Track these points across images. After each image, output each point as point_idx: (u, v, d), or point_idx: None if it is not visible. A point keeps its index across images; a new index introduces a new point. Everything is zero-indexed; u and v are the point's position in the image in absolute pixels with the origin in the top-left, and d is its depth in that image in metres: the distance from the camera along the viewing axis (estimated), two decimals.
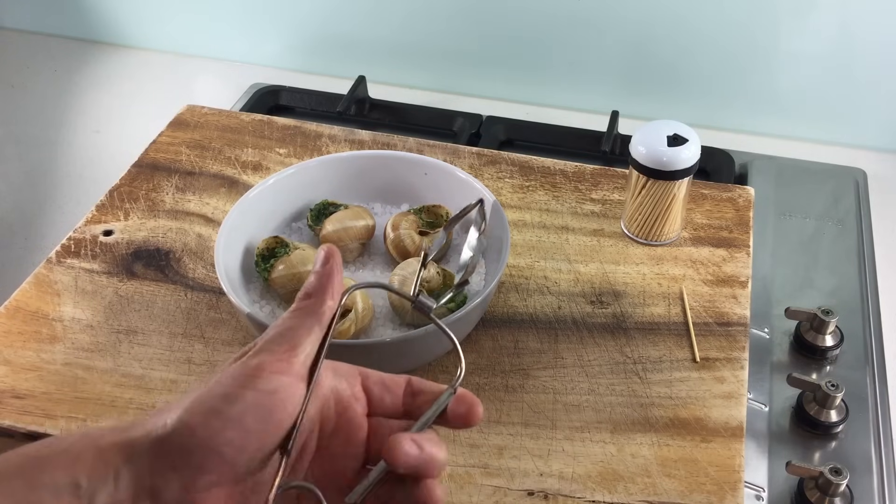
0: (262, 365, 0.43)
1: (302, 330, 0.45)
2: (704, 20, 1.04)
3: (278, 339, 0.44)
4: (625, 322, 0.75)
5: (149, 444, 0.42)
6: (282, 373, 0.43)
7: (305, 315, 0.45)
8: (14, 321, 0.75)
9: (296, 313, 0.46)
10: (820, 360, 0.79)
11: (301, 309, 0.46)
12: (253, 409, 0.42)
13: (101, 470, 0.41)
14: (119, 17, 1.26)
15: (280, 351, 0.44)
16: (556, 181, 0.89)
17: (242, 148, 0.94)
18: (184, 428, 0.41)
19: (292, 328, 0.45)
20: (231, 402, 0.42)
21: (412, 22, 1.14)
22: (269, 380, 0.42)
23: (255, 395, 0.42)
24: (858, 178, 1.02)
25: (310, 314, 0.45)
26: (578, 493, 0.63)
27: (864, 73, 1.03)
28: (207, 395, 0.42)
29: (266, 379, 0.42)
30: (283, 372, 0.43)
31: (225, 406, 0.42)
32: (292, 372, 0.43)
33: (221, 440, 0.41)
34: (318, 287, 0.46)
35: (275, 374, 0.43)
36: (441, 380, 0.70)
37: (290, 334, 0.45)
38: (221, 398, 0.42)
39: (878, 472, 0.71)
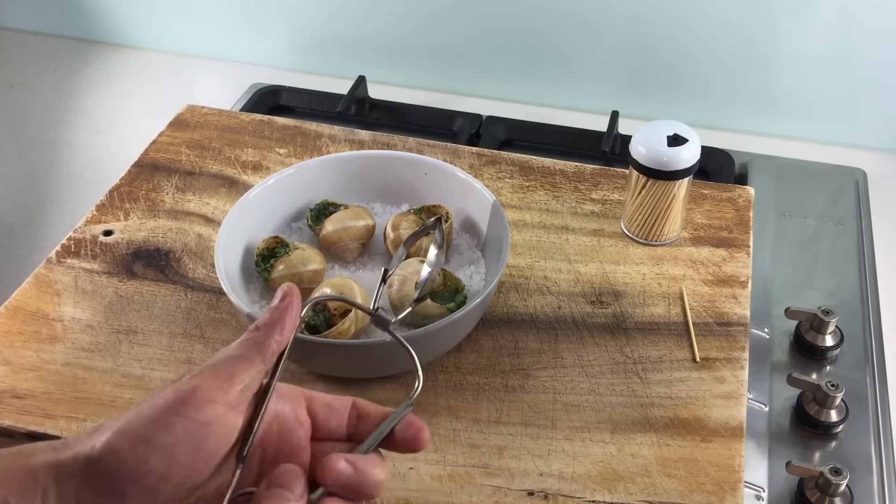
0: (195, 392, 0.42)
1: (244, 361, 0.44)
2: (704, 20, 1.04)
3: (217, 367, 0.44)
4: (625, 322, 0.75)
5: (76, 467, 0.41)
6: (215, 401, 0.42)
7: (250, 347, 0.45)
8: (14, 321, 0.75)
9: (241, 344, 0.45)
10: (820, 360, 0.79)
11: (247, 340, 0.45)
12: (183, 438, 0.41)
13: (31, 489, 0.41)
14: (119, 17, 1.26)
15: (216, 379, 0.43)
16: (556, 181, 0.89)
17: (242, 148, 0.94)
18: (110, 453, 0.41)
19: (234, 357, 0.44)
20: (161, 429, 0.41)
21: (412, 22, 1.14)
22: (201, 409, 0.42)
23: (185, 424, 0.41)
24: (858, 178, 1.02)
25: (255, 346, 0.45)
26: (578, 493, 0.63)
27: (864, 73, 1.03)
28: (137, 420, 0.42)
29: (197, 407, 0.42)
30: (217, 400, 0.42)
31: (154, 433, 0.41)
32: (226, 401, 0.43)
33: (146, 469, 0.41)
34: (269, 321, 0.46)
35: (208, 402, 0.42)
36: (440, 380, 0.70)
37: (230, 363, 0.44)
38: (151, 424, 0.41)
39: (878, 472, 0.71)
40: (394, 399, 0.69)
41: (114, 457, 0.41)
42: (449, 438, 0.66)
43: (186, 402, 0.42)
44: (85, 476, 0.41)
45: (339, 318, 0.69)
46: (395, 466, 0.64)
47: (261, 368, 0.45)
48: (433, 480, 0.64)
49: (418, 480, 0.64)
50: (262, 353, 0.45)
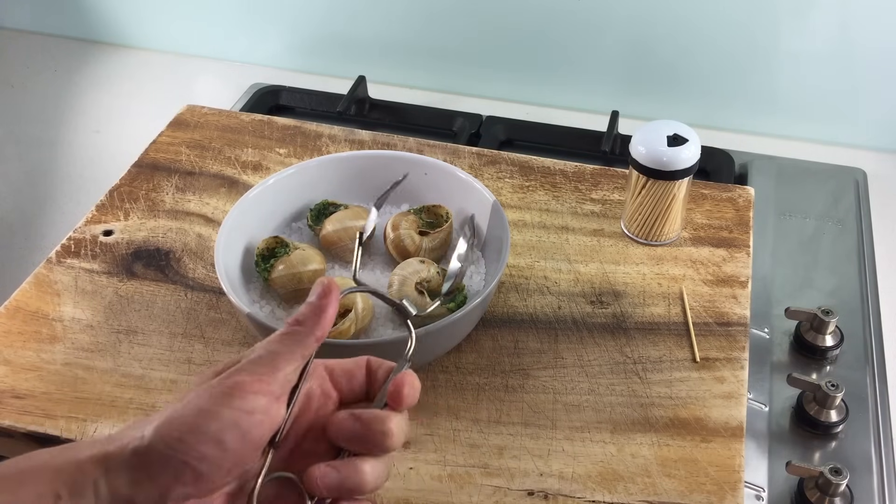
0: (242, 384, 0.44)
1: (286, 355, 0.46)
2: (704, 20, 1.04)
3: (260, 361, 0.46)
4: (625, 322, 0.75)
5: (126, 456, 0.43)
6: (260, 393, 0.44)
7: (292, 341, 0.47)
8: (14, 321, 0.75)
9: (283, 338, 0.47)
10: (820, 360, 0.79)
11: (289, 334, 0.47)
12: (231, 427, 0.43)
13: (81, 482, 0.42)
14: (119, 17, 1.26)
15: (261, 372, 0.45)
16: (556, 181, 0.89)
17: (242, 148, 0.94)
18: (160, 441, 0.43)
19: (276, 352, 0.46)
20: (209, 418, 0.43)
21: (412, 22, 1.14)
22: (247, 399, 0.44)
23: (232, 414, 0.43)
24: (858, 178, 1.02)
25: (296, 341, 0.47)
26: (578, 493, 0.63)
27: (864, 73, 1.03)
28: (185, 410, 0.43)
29: (244, 398, 0.44)
30: (261, 392, 0.44)
31: (202, 422, 0.43)
32: (270, 392, 0.45)
33: (198, 455, 0.42)
34: (311, 317, 0.48)
35: (252, 393, 0.44)
36: (440, 380, 0.70)
37: (272, 357, 0.46)
38: (198, 414, 0.43)
39: (878, 472, 0.71)
40: None
41: (164, 445, 0.42)
42: (449, 438, 0.66)
43: (232, 394, 0.44)
44: (135, 465, 0.42)
45: (339, 318, 0.69)
46: (395, 466, 0.64)
47: (300, 363, 0.47)
48: (433, 480, 0.64)
49: (418, 480, 0.64)
50: (301, 348, 0.47)
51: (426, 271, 0.72)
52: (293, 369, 0.46)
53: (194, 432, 0.42)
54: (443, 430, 0.67)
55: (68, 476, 0.42)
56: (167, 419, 0.43)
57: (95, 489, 0.42)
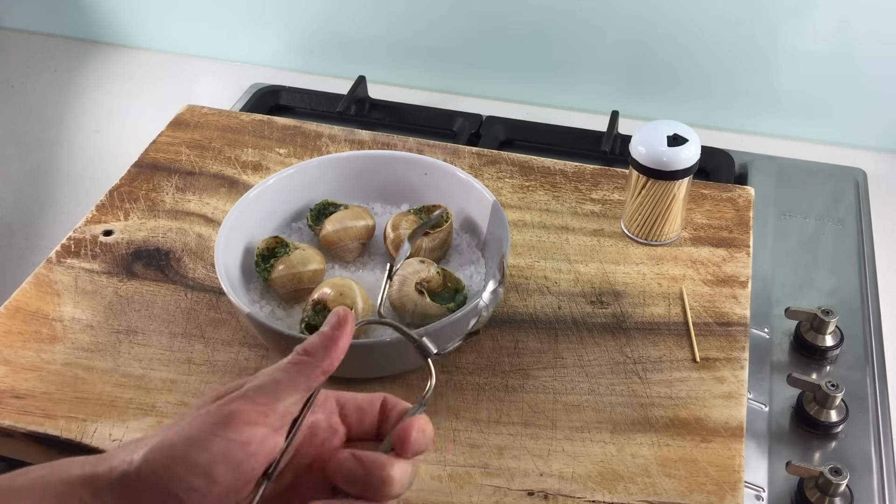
0: (238, 414, 0.42)
1: (289, 386, 0.44)
2: (704, 20, 1.04)
3: (262, 390, 0.44)
4: (625, 322, 0.75)
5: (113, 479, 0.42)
6: (257, 424, 0.42)
7: (297, 372, 0.45)
8: (14, 321, 0.75)
9: (289, 367, 0.45)
10: (820, 360, 0.79)
11: (295, 364, 0.45)
12: (221, 459, 0.41)
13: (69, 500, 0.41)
14: (119, 17, 1.26)
15: (260, 402, 0.43)
16: (556, 181, 0.89)
17: (242, 148, 0.94)
18: (147, 468, 0.41)
19: (279, 382, 0.44)
20: (199, 448, 0.41)
21: (412, 22, 1.14)
22: (242, 430, 0.42)
23: (225, 445, 0.41)
24: (858, 178, 1.02)
25: (302, 373, 0.45)
26: (578, 493, 0.63)
27: (864, 73, 1.03)
28: (176, 438, 0.42)
29: (238, 429, 0.42)
30: (259, 423, 0.42)
31: (192, 452, 0.41)
32: (268, 424, 0.43)
33: (185, 486, 0.41)
34: (320, 348, 0.45)
35: (249, 424, 0.42)
36: (440, 380, 0.70)
37: (275, 387, 0.44)
38: (189, 443, 0.42)
39: (878, 472, 0.71)
40: None
41: (150, 471, 0.41)
42: (449, 438, 0.66)
43: (226, 424, 0.42)
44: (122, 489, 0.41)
45: None
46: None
47: (304, 395, 0.45)
48: (433, 480, 0.64)
49: (418, 480, 0.64)
50: (306, 380, 0.45)
51: (426, 271, 0.72)
52: (295, 401, 0.44)
53: (183, 462, 0.41)
54: (443, 430, 0.67)
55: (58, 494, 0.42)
56: (157, 445, 0.42)
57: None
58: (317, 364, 0.45)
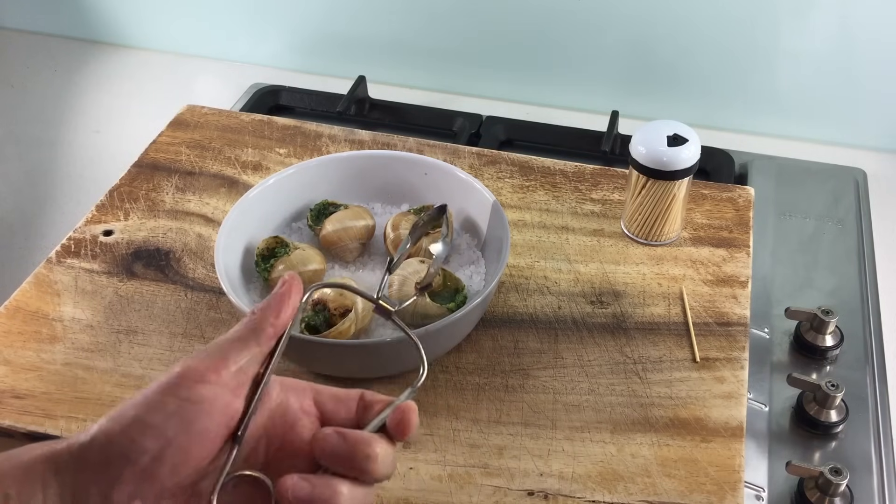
0: (185, 373, 0.43)
1: (238, 343, 0.45)
2: (704, 20, 1.04)
3: (211, 349, 0.44)
4: (625, 322, 0.75)
5: (71, 455, 0.42)
6: (205, 382, 0.43)
7: (245, 330, 0.46)
8: (14, 321, 0.75)
9: (237, 328, 0.46)
10: (820, 360, 0.79)
11: (243, 323, 0.46)
12: (173, 417, 0.41)
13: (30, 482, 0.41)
14: (119, 17, 1.26)
15: (207, 360, 0.43)
16: (556, 181, 0.89)
17: (242, 148, 0.94)
18: (102, 436, 0.41)
19: (228, 340, 0.45)
20: (150, 409, 0.41)
21: (412, 22, 1.14)
22: (191, 388, 0.42)
23: (175, 404, 0.42)
24: (858, 178, 1.02)
25: (250, 329, 0.45)
26: (578, 493, 0.63)
27: (864, 73, 1.03)
28: (129, 404, 0.42)
29: (188, 387, 0.42)
30: (207, 381, 0.43)
31: (145, 414, 0.41)
32: (218, 382, 0.43)
33: (138, 448, 0.41)
34: (266, 306, 0.46)
35: (197, 382, 0.42)
36: (440, 380, 0.70)
37: (224, 345, 0.45)
38: (142, 406, 0.42)
39: (878, 472, 0.71)
40: None
41: (105, 439, 0.41)
42: (449, 438, 0.66)
43: (177, 383, 0.42)
44: (79, 464, 0.41)
45: (339, 318, 0.69)
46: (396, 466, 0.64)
47: (256, 351, 0.45)
48: (433, 480, 0.64)
49: (418, 480, 0.64)
50: (257, 336, 0.45)
51: (426, 271, 0.72)
52: (248, 360, 0.44)
53: (135, 424, 0.41)
54: (443, 430, 0.67)
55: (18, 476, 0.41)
56: (113, 414, 0.42)
57: (45, 488, 0.41)
58: (265, 319, 0.46)
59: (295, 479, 0.43)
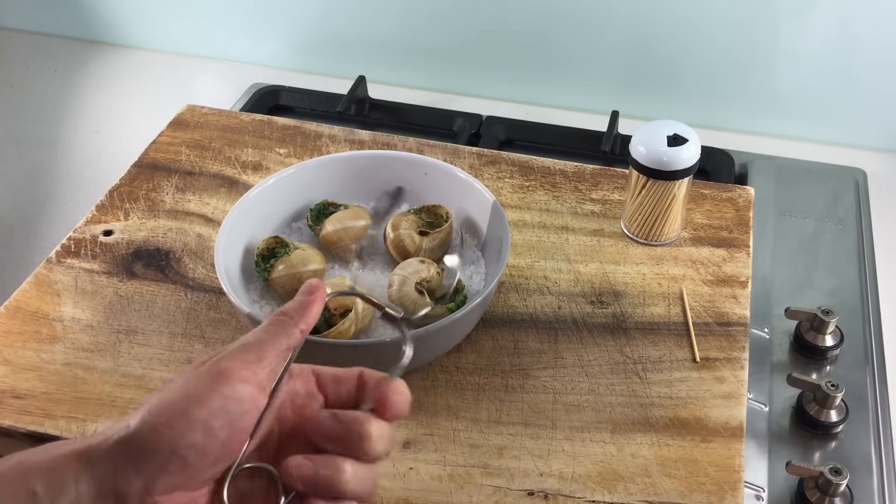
0: (228, 372, 0.43)
1: (272, 343, 0.46)
2: (705, 20, 1.04)
3: (247, 349, 0.45)
4: (625, 322, 0.75)
5: (110, 447, 0.42)
6: (246, 381, 0.44)
7: (277, 331, 0.47)
8: (14, 321, 0.75)
9: (268, 328, 0.47)
10: (820, 360, 0.79)
11: (274, 324, 0.47)
12: (219, 413, 0.42)
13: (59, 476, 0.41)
14: (119, 17, 1.26)
15: (247, 360, 0.44)
16: (556, 181, 0.89)
17: (242, 148, 0.94)
18: (147, 428, 0.42)
19: (262, 341, 0.46)
20: (198, 404, 0.42)
21: (412, 22, 1.14)
22: (234, 387, 0.43)
23: (222, 401, 0.42)
24: (858, 178, 1.02)
25: (281, 332, 0.47)
26: (578, 493, 0.63)
27: (864, 73, 1.03)
28: (173, 397, 0.43)
29: (231, 385, 0.43)
30: (247, 381, 0.44)
31: (192, 408, 0.42)
32: (256, 382, 0.44)
33: (186, 442, 0.41)
34: (298, 309, 0.48)
35: (239, 381, 0.43)
36: (441, 380, 0.70)
37: (258, 346, 0.45)
38: (188, 400, 0.42)
39: (878, 472, 0.71)
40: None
41: (150, 431, 0.42)
42: (449, 438, 0.66)
43: (220, 380, 0.43)
44: (120, 455, 0.42)
45: (339, 318, 0.69)
46: (395, 467, 0.64)
47: (286, 354, 0.46)
48: (433, 480, 0.64)
49: (418, 480, 0.64)
50: (287, 338, 0.47)
51: (426, 271, 0.72)
52: (278, 359, 0.46)
53: (183, 418, 0.42)
54: (443, 430, 0.67)
55: (46, 472, 0.41)
56: (156, 405, 0.42)
57: (76, 482, 0.41)
58: (294, 323, 0.47)
59: (299, 460, 0.44)
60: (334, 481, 0.44)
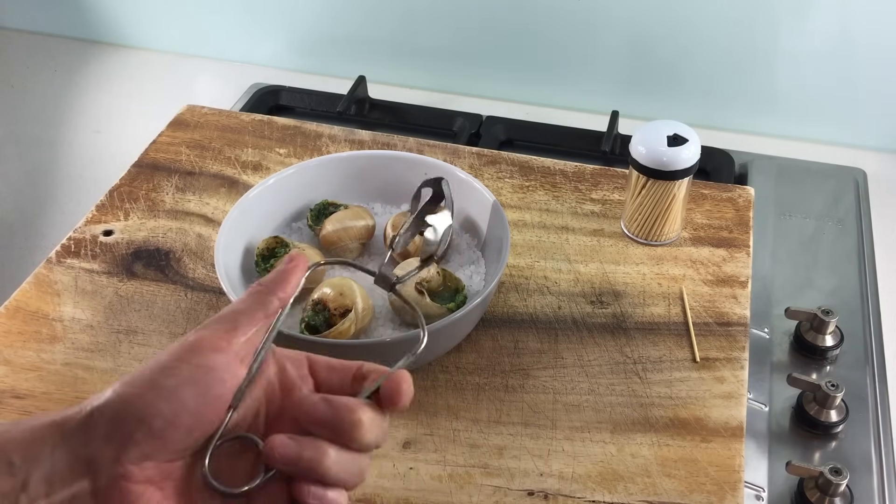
0: (200, 341, 0.44)
1: (247, 314, 0.46)
2: (704, 20, 1.04)
3: (221, 319, 0.46)
4: (625, 322, 0.75)
5: (83, 418, 0.42)
6: (219, 350, 0.44)
7: (253, 301, 0.47)
8: (14, 321, 0.75)
9: (244, 299, 0.47)
10: (820, 360, 0.79)
11: (252, 294, 0.48)
12: (188, 382, 0.42)
13: (36, 447, 0.42)
14: (119, 17, 1.26)
15: (220, 329, 0.45)
16: (556, 181, 0.89)
17: (242, 148, 0.94)
18: (118, 398, 0.42)
19: (237, 311, 0.47)
20: (167, 373, 0.43)
21: (412, 22, 1.14)
22: (206, 356, 0.43)
23: (190, 369, 0.43)
24: (858, 178, 1.02)
25: (257, 301, 0.47)
26: (578, 493, 0.63)
27: (864, 73, 1.03)
28: (145, 369, 0.43)
29: (203, 354, 0.43)
30: (221, 350, 0.44)
31: (160, 378, 0.42)
32: (230, 351, 0.44)
33: (153, 411, 0.42)
34: (273, 279, 0.48)
35: (212, 350, 0.44)
36: (441, 380, 0.70)
37: (233, 316, 0.46)
38: (158, 370, 0.43)
39: (878, 472, 0.71)
40: None
41: (120, 401, 0.42)
42: (449, 438, 0.66)
43: (192, 350, 0.44)
44: (91, 424, 0.42)
45: (339, 318, 0.69)
46: (395, 466, 0.64)
47: (263, 323, 0.47)
48: (433, 480, 0.64)
49: (418, 480, 0.64)
50: (264, 308, 0.47)
51: (426, 271, 0.72)
52: (255, 330, 0.46)
53: (152, 388, 0.42)
54: (443, 430, 0.67)
55: (22, 442, 0.42)
56: (128, 379, 0.43)
57: (52, 453, 0.41)
58: (272, 292, 0.47)
59: (282, 439, 0.43)
60: (316, 464, 0.43)
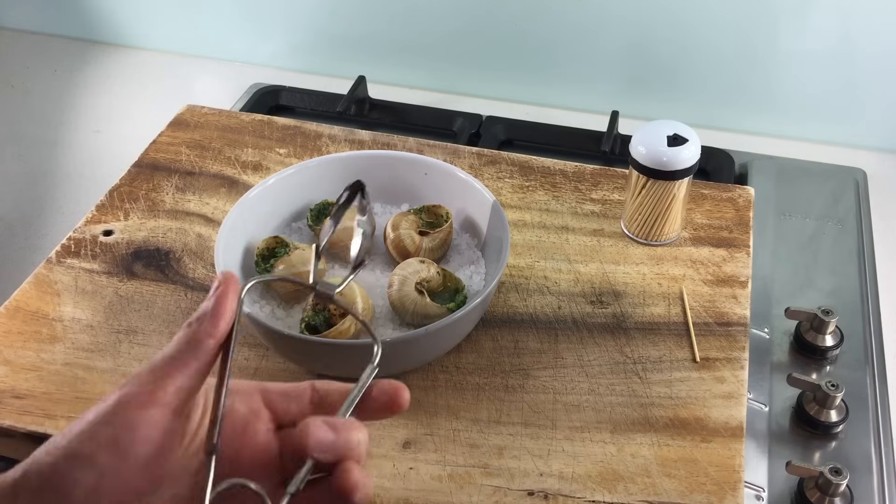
0: (123, 400, 0.41)
1: (176, 362, 0.43)
2: (704, 20, 1.04)
3: (148, 371, 0.42)
4: (625, 322, 0.75)
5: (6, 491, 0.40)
6: (144, 406, 0.41)
7: (182, 346, 0.43)
8: (14, 321, 0.75)
9: (174, 343, 0.43)
10: (820, 360, 0.79)
11: (180, 339, 0.44)
12: (107, 447, 0.40)
13: None
14: (119, 17, 1.26)
15: (146, 383, 0.42)
16: (556, 181, 0.89)
17: (242, 148, 0.94)
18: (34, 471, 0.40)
19: (167, 358, 0.43)
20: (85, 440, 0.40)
21: (412, 22, 1.14)
22: (129, 415, 0.40)
23: (111, 432, 0.40)
24: (858, 178, 1.02)
25: (187, 345, 0.43)
26: (578, 493, 0.63)
27: (863, 73, 1.03)
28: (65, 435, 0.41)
29: (124, 415, 0.40)
30: (146, 405, 0.41)
31: (77, 445, 0.40)
32: (157, 405, 0.41)
33: (70, 482, 0.39)
34: (201, 315, 0.44)
35: (136, 408, 0.41)
36: (441, 380, 0.70)
37: (161, 365, 0.42)
38: (76, 436, 0.40)
39: (878, 472, 0.71)
40: None
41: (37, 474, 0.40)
42: (449, 438, 0.66)
43: (113, 411, 0.41)
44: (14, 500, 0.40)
45: (338, 318, 0.69)
46: (395, 466, 0.64)
47: (196, 366, 0.43)
48: (433, 480, 0.64)
49: (418, 480, 0.64)
50: (195, 352, 0.43)
51: (426, 271, 0.72)
52: (188, 375, 0.42)
53: (67, 457, 0.39)
54: (443, 430, 0.67)
55: None
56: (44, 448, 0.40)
57: None
58: (201, 332, 0.43)
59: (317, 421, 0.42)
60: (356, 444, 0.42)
